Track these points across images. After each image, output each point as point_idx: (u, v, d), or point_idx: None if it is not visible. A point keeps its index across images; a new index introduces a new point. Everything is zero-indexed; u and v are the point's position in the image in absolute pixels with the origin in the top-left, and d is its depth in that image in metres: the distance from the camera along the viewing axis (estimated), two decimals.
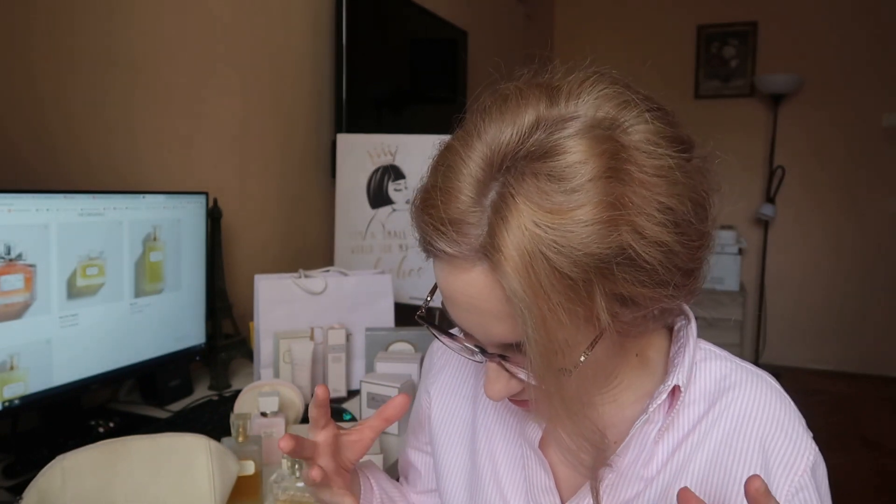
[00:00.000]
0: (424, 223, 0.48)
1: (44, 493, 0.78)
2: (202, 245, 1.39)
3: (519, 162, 0.45)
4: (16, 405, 1.03)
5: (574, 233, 0.43)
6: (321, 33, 2.03)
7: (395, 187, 1.81)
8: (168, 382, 1.37)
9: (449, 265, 0.48)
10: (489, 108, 0.49)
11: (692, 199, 0.47)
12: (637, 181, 0.44)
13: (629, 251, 0.44)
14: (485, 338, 0.50)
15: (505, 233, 0.43)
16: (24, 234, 1.02)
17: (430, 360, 0.78)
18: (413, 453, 0.79)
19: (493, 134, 0.46)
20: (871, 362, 4.03)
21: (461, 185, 0.46)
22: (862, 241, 4.00)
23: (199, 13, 1.58)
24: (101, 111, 1.36)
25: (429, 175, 0.50)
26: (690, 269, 0.49)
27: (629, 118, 0.47)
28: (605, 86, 0.48)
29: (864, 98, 3.90)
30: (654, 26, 4.27)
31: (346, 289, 1.47)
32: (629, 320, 0.49)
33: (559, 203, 0.43)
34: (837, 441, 3.07)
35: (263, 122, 1.83)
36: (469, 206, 0.46)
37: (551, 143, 0.45)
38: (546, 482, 0.62)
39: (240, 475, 0.91)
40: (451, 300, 0.50)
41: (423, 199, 0.49)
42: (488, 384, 0.53)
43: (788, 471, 0.55)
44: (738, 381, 0.59)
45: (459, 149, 0.48)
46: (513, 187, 0.44)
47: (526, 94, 0.48)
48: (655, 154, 0.46)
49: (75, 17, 1.28)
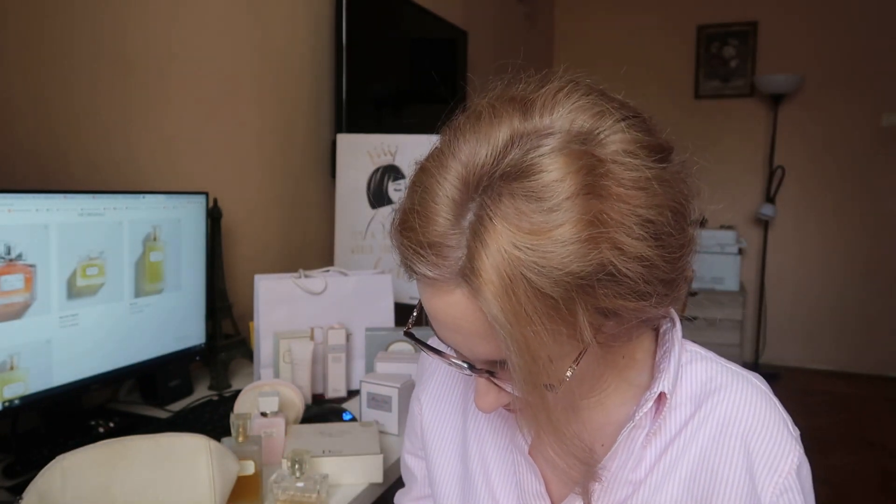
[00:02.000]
0: (404, 246, 0.48)
1: (44, 493, 0.78)
2: (202, 245, 1.39)
3: (495, 182, 0.44)
4: (16, 405, 1.03)
5: (554, 253, 0.42)
6: (321, 33, 2.03)
7: (395, 187, 1.81)
8: (168, 382, 1.37)
9: (431, 287, 0.48)
10: (462, 126, 0.48)
11: (671, 208, 0.47)
12: (615, 196, 0.44)
13: (610, 267, 0.44)
14: (471, 355, 0.51)
15: (484, 256, 0.43)
16: (24, 234, 1.02)
17: (421, 366, 0.78)
18: (409, 458, 0.79)
19: (468, 153, 0.46)
20: (871, 362, 4.03)
21: (438, 208, 0.46)
22: (862, 241, 4.00)
23: (199, 13, 1.58)
24: (102, 111, 1.36)
25: (406, 196, 0.50)
26: (672, 278, 0.49)
27: (605, 128, 0.46)
28: (579, 96, 0.47)
29: (864, 98, 3.90)
30: (654, 26, 4.27)
31: (346, 289, 1.47)
32: (613, 332, 0.49)
33: (538, 223, 0.42)
34: (837, 441, 3.07)
35: (263, 122, 1.83)
36: (447, 229, 0.45)
37: (527, 161, 0.44)
38: (537, 487, 0.62)
39: (240, 475, 0.91)
40: (435, 319, 0.50)
41: (401, 222, 0.49)
42: (478, 397, 0.53)
43: (773, 472, 0.55)
44: (723, 383, 0.59)
45: (434, 171, 0.47)
46: (490, 209, 0.43)
47: (499, 111, 0.47)
48: (632, 166, 0.45)
49: (75, 17, 1.28)
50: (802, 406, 3.54)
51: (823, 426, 3.24)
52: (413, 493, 0.79)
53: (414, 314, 0.59)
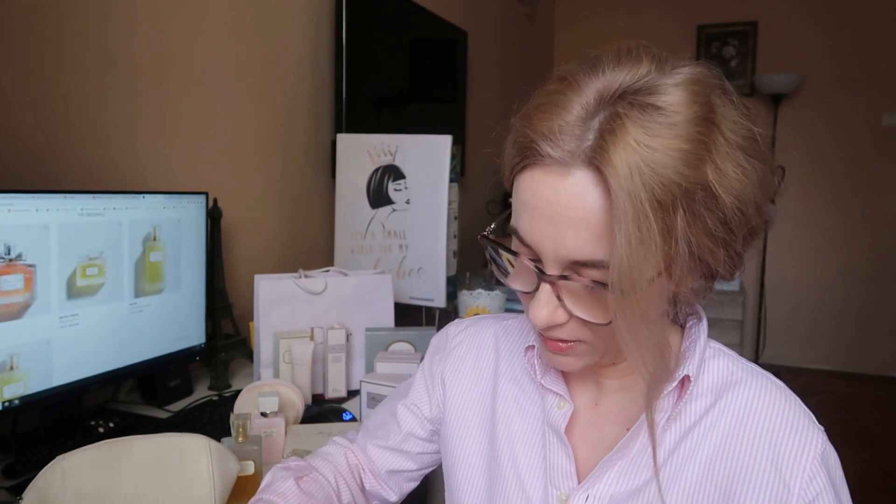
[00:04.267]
0: (528, 129, 0.52)
1: (44, 493, 0.78)
2: (202, 245, 1.39)
3: (628, 95, 0.50)
4: (16, 405, 1.03)
5: (670, 156, 0.47)
6: (321, 33, 2.03)
7: (395, 187, 1.81)
8: (168, 382, 1.37)
9: (543, 171, 0.51)
10: (600, 58, 0.53)
11: (762, 172, 0.52)
12: (724, 137, 0.50)
13: (711, 188, 0.49)
14: (555, 251, 0.52)
15: (614, 145, 0.47)
16: (24, 234, 1.02)
17: (444, 343, 0.79)
18: (404, 410, 0.79)
19: (610, 76, 0.51)
20: (871, 362, 4.03)
21: (571, 105, 0.50)
22: (862, 241, 4.00)
23: (199, 13, 1.58)
24: (102, 111, 1.36)
25: (535, 96, 0.54)
26: (743, 246, 0.54)
27: (717, 93, 0.52)
28: (702, 69, 0.53)
29: (864, 98, 3.90)
30: (654, 26, 4.27)
31: (346, 289, 1.47)
32: (686, 272, 0.52)
33: (660, 132, 0.48)
34: (837, 441, 3.03)
35: (263, 121, 1.83)
36: (576, 121, 0.50)
37: (660, 84, 0.50)
38: (567, 467, 0.63)
39: (240, 475, 0.91)
40: (534, 208, 0.52)
41: (527, 114, 0.53)
42: (537, 307, 0.54)
43: (798, 460, 0.56)
44: (744, 377, 0.61)
45: (571, 82, 0.52)
46: (622, 111, 0.49)
47: (641, 53, 0.53)
48: (738, 122, 0.52)
49: (75, 17, 1.28)
50: None
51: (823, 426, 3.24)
52: (387, 441, 0.80)
53: (492, 226, 0.62)
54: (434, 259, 1.76)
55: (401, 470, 0.80)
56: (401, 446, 0.79)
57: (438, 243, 1.75)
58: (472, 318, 0.81)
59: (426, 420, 0.78)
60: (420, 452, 0.79)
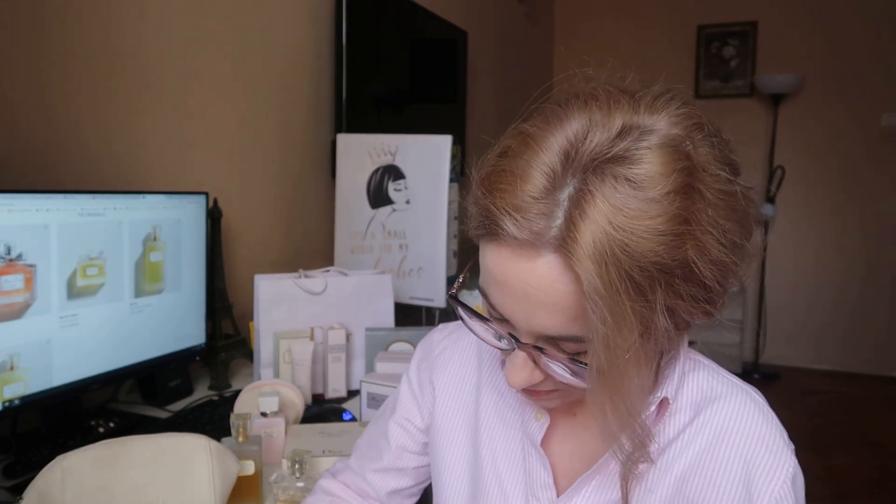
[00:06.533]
0: (493, 205, 0.48)
1: (44, 493, 0.78)
2: (202, 245, 1.39)
3: (604, 164, 0.46)
4: (16, 405, 1.03)
5: (647, 239, 0.44)
6: (321, 33, 2.03)
7: (395, 187, 1.81)
8: (168, 382, 1.37)
9: (510, 250, 0.48)
10: (571, 103, 0.50)
11: (743, 223, 0.50)
12: (706, 201, 0.47)
13: (692, 265, 0.46)
14: (527, 327, 0.51)
15: (584, 227, 0.44)
16: (24, 234, 1.02)
17: (428, 350, 0.79)
18: (395, 427, 0.79)
19: (578, 131, 0.48)
20: (871, 362, 4.03)
21: (535, 174, 0.47)
22: (862, 241, 4.00)
23: (199, 14, 1.58)
24: (102, 111, 1.36)
25: (495, 156, 0.51)
26: (725, 290, 0.52)
27: (698, 139, 0.49)
28: (679, 104, 0.50)
29: (864, 98, 3.90)
30: (654, 26, 4.27)
31: (346, 289, 1.47)
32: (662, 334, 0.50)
33: (636, 210, 0.45)
34: (838, 441, 3.07)
35: (263, 121, 1.83)
36: (542, 196, 0.46)
37: (634, 150, 0.46)
38: (545, 478, 0.64)
39: (240, 475, 0.91)
40: (503, 285, 0.50)
41: (492, 181, 0.49)
42: (513, 372, 0.54)
43: (769, 481, 0.56)
44: (723, 392, 0.60)
45: (537, 138, 0.49)
46: (595, 185, 0.45)
47: (615, 98, 0.49)
48: (721, 178, 0.48)
49: (76, 17, 1.28)
50: (802, 406, 3.54)
51: (823, 426, 3.25)
52: (381, 462, 0.79)
53: (459, 279, 0.59)
54: (434, 259, 1.77)
55: (400, 488, 0.80)
56: (396, 464, 0.79)
57: (438, 243, 1.75)
58: (455, 323, 0.79)
59: (419, 432, 0.77)
60: (416, 467, 0.79)
